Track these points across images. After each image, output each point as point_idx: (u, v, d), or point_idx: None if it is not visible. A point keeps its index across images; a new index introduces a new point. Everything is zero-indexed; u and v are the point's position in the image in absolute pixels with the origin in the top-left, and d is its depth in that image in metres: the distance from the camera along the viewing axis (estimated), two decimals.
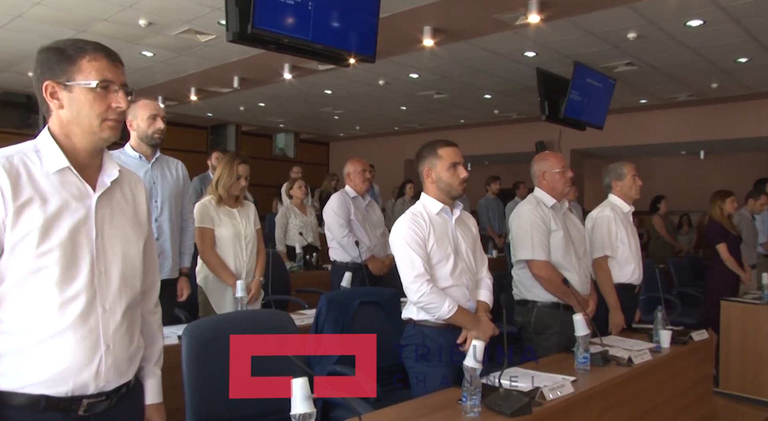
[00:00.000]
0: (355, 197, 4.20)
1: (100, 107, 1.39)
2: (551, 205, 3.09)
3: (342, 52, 4.91)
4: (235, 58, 7.08)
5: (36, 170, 1.36)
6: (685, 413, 3.10)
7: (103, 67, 1.41)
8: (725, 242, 5.04)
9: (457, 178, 2.51)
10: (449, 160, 2.50)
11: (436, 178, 2.51)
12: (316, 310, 2.85)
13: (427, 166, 2.54)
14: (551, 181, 3.11)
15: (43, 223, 1.32)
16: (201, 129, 12.71)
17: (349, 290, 3.46)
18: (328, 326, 2.72)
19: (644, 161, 11.64)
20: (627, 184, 3.63)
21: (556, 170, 3.10)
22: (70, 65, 1.38)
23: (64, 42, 1.41)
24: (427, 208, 2.53)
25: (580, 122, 7.72)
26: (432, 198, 2.54)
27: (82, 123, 1.39)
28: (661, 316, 3.06)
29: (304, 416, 1.46)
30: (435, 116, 10.89)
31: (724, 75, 7.47)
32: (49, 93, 1.38)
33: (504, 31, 5.91)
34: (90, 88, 1.38)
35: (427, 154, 2.55)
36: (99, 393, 1.39)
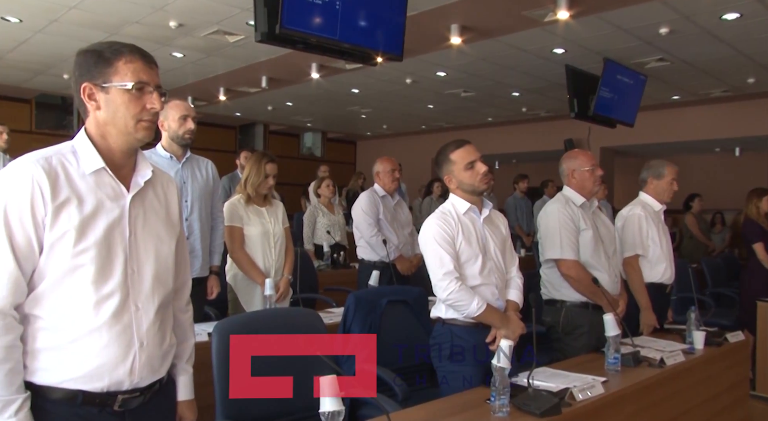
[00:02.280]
0: (384, 196, 4.20)
1: (135, 108, 1.42)
2: (580, 204, 3.06)
3: (369, 50, 4.92)
4: (264, 58, 7.15)
5: (73, 171, 1.39)
6: (719, 416, 3.03)
7: (138, 69, 1.44)
8: (762, 241, 4.91)
9: (477, 175, 2.49)
10: (464, 162, 2.49)
11: (458, 183, 2.52)
12: (344, 309, 2.87)
13: (445, 174, 2.55)
14: (580, 180, 3.07)
15: (79, 222, 1.35)
16: (230, 129, 12.87)
17: (377, 289, 3.47)
18: (356, 325, 2.73)
19: (676, 159, 11.38)
20: (663, 186, 3.54)
21: (586, 169, 3.06)
22: (107, 67, 1.41)
23: (101, 44, 1.45)
24: (455, 208, 2.53)
25: (610, 119, 7.60)
26: (459, 198, 2.55)
27: (118, 124, 1.42)
28: (695, 316, 2.99)
29: (333, 414, 1.47)
30: (462, 115, 10.83)
31: (762, 69, 7.27)
32: (86, 94, 1.42)
33: (532, 28, 5.85)
34: (126, 89, 1.41)
35: (441, 161, 2.55)
36: (133, 389, 1.43)
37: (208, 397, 2.00)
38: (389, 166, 4.20)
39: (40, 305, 1.36)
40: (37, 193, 1.32)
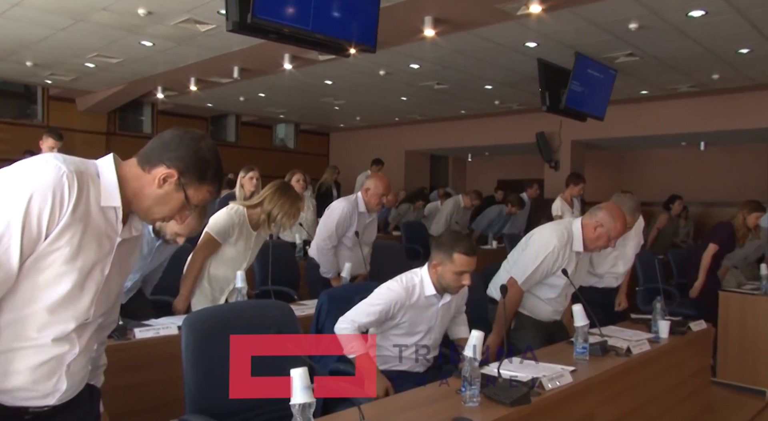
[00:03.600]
0: (363, 213, 4.04)
1: (171, 212, 1.49)
2: (576, 250, 3.10)
3: (342, 42, 4.90)
4: (236, 48, 7.05)
5: (92, 197, 1.38)
6: (683, 402, 3.12)
7: (207, 198, 1.52)
8: (719, 246, 5.01)
9: (459, 284, 2.55)
10: (459, 268, 2.51)
11: (440, 274, 2.56)
12: (316, 306, 2.85)
13: (437, 260, 2.56)
14: (599, 236, 3.05)
15: (77, 245, 1.34)
16: (201, 119, 12.69)
17: (348, 286, 3.45)
18: (330, 322, 2.72)
19: (645, 152, 11.64)
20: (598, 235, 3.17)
21: (612, 236, 3.04)
22: (197, 181, 1.48)
23: (215, 158, 1.53)
24: (423, 286, 2.60)
25: (581, 113, 7.70)
26: (430, 281, 2.60)
27: (151, 207, 1.48)
28: (660, 307, 3.07)
29: (303, 406, 1.47)
30: (436, 107, 10.86)
31: (726, 66, 7.43)
32: (163, 176, 1.45)
33: (505, 21, 5.88)
34: (183, 201, 1.48)
35: (444, 250, 2.53)
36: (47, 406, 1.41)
37: (178, 391, 1.98)
38: (381, 190, 3.94)
39: None
40: (64, 198, 1.30)
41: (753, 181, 10.24)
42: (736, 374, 4.54)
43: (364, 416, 1.63)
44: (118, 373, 2.36)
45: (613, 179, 11.96)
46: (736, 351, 4.56)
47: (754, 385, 4.47)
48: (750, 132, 9.30)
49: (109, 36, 6.74)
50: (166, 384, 2.46)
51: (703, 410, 3.39)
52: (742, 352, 4.54)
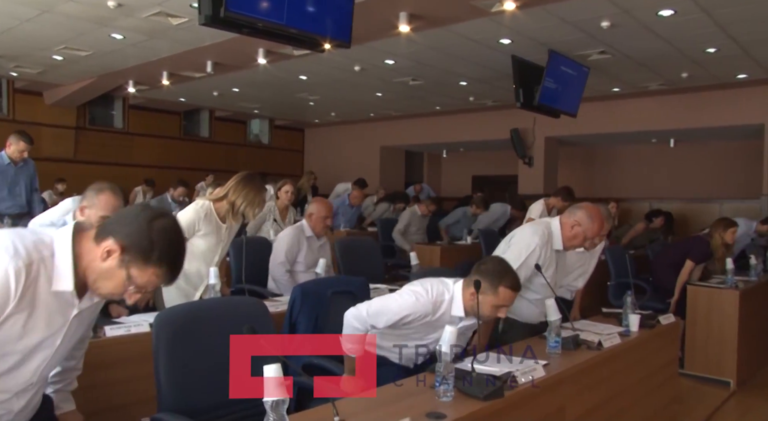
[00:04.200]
0: (311, 237, 4.09)
1: (116, 289, 1.47)
2: (556, 248, 3.13)
3: (317, 37, 4.87)
4: (209, 42, 6.96)
5: (42, 283, 1.39)
6: (652, 394, 3.18)
7: (153, 282, 1.47)
8: (696, 263, 5.13)
9: (494, 315, 2.46)
10: (501, 302, 2.42)
11: (480, 303, 2.38)
12: (289, 301, 2.83)
13: (478, 287, 2.38)
14: (575, 235, 3.08)
15: (20, 328, 1.37)
16: (174, 114, 12.51)
17: (321, 280, 3.45)
18: (303, 317, 2.71)
19: (616, 149, 11.82)
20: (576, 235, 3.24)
21: (588, 236, 3.07)
22: (143, 262, 1.43)
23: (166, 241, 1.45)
24: (452, 304, 2.46)
25: (554, 110, 7.79)
26: (462, 304, 2.46)
27: (96, 281, 1.46)
28: (631, 301, 3.13)
29: (277, 402, 1.46)
30: (411, 103, 10.87)
31: (694, 65, 7.59)
32: (108, 248, 1.42)
33: (480, 17, 5.91)
34: (126, 279, 1.45)
35: (490, 280, 2.39)
36: None
37: (150, 389, 1.96)
38: (324, 213, 4.06)
39: None
40: (9, 296, 1.33)
41: (720, 178, 10.48)
42: (703, 365, 4.66)
43: (338, 412, 1.63)
44: (89, 371, 2.32)
45: (585, 175, 12.13)
46: (703, 343, 4.68)
47: (719, 376, 4.59)
48: (717, 130, 9.51)
49: (77, 28, 6.60)
50: (137, 382, 2.43)
51: (670, 401, 3.47)
52: (708, 344, 4.65)
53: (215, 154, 13.18)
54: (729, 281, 4.80)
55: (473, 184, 13.79)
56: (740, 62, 7.42)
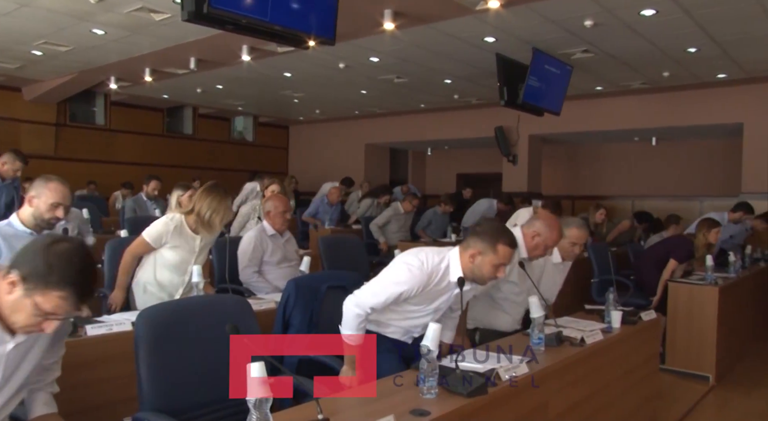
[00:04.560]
0: (273, 235, 4.10)
1: (28, 320, 1.48)
2: (522, 257, 3.16)
3: (301, 34, 4.85)
4: (192, 38, 6.90)
5: None
6: (633, 389, 3.22)
7: (62, 306, 1.47)
8: (679, 263, 5.20)
9: (494, 276, 2.51)
10: (502, 261, 2.46)
11: (478, 264, 2.46)
12: (282, 295, 2.81)
13: (477, 249, 2.46)
14: (536, 245, 3.15)
15: None
16: (156, 111, 12.39)
17: (315, 275, 3.43)
18: (298, 312, 2.68)
19: (599, 147, 11.92)
20: (565, 246, 3.49)
21: (548, 244, 3.16)
22: (44, 287, 1.44)
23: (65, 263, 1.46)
24: (448, 271, 2.51)
25: (538, 108, 7.83)
26: (459, 266, 2.50)
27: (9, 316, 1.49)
28: (613, 298, 3.16)
29: (260, 401, 1.45)
30: (396, 100, 10.87)
31: (675, 64, 7.67)
32: (10, 282, 1.46)
33: (464, 15, 5.92)
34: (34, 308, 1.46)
35: (486, 239, 2.45)
36: None
37: (131, 388, 1.94)
38: (281, 208, 4.08)
39: None
40: None
41: (700, 176, 10.62)
42: (683, 360, 4.73)
43: (322, 409, 1.63)
44: (70, 371, 2.29)
45: (569, 173, 12.23)
46: (683, 339, 4.74)
47: (699, 371, 4.66)
48: (697, 128, 9.64)
49: (57, 23, 6.51)
50: (119, 381, 2.40)
51: (651, 396, 3.51)
52: (688, 340, 4.72)
53: (199, 151, 13.08)
54: (709, 277, 4.87)
55: (458, 182, 13.84)
56: (720, 62, 7.52)
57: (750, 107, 8.75)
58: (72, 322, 2.52)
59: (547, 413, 2.39)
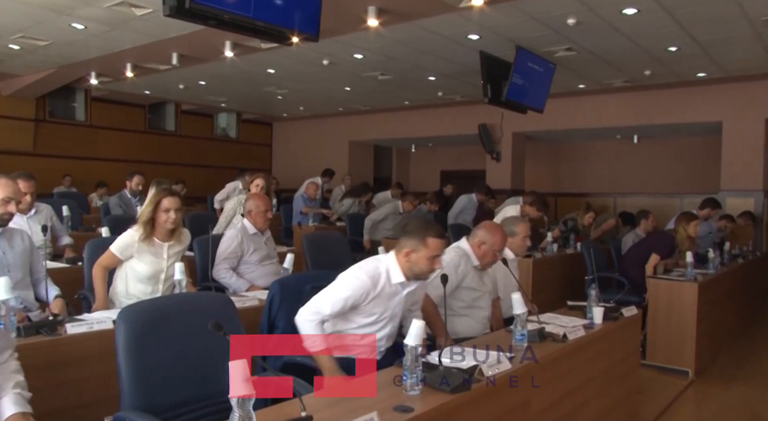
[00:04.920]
0: (255, 234, 4.08)
1: None
2: (474, 265, 3.27)
3: (284, 30, 4.83)
4: (174, 34, 6.83)
5: None
6: (614, 384, 3.26)
7: None
8: (661, 257, 5.31)
9: (431, 268, 2.59)
10: (433, 252, 2.56)
11: (414, 261, 2.57)
12: (267, 296, 2.79)
13: (409, 247, 2.57)
14: (485, 253, 3.26)
15: None
16: (138, 107, 12.25)
17: (299, 275, 3.41)
18: (283, 313, 2.67)
19: (582, 144, 12.02)
20: (517, 242, 3.73)
21: (496, 249, 3.27)
22: None
23: None
24: (389, 274, 2.59)
25: (521, 105, 7.87)
26: (399, 269, 2.59)
27: None
28: (595, 294, 3.19)
29: (243, 399, 1.44)
30: (380, 97, 10.86)
31: (656, 63, 7.76)
32: None
33: (448, 12, 5.93)
34: None
35: (415, 236, 2.56)
36: None
37: (113, 387, 1.92)
38: (263, 207, 4.06)
39: None
40: None
41: (680, 173, 10.76)
42: (663, 355, 4.79)
43: (305, 407, 1.63)
44: (50, 369, 2.27)
45: (552, 171, 12.32)
46: (663, 334, 4.80)
47: (679, 365, 4.73)
48: (677, 126, 9.76)
49: (34, 16, 6.40)
50: (99, 380, 2.38)
51: (632, 391, 3.55)
52: (668, 335, 4.78)
53: (181, 148, 12.96)
54: (689, 273, 4.94)
55: (442, 179, 13.87)
56: (700, 61, 7.62)
57: (728, 106, 8.88)
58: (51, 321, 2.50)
59: (529, 409, 2.41)
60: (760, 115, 8.67)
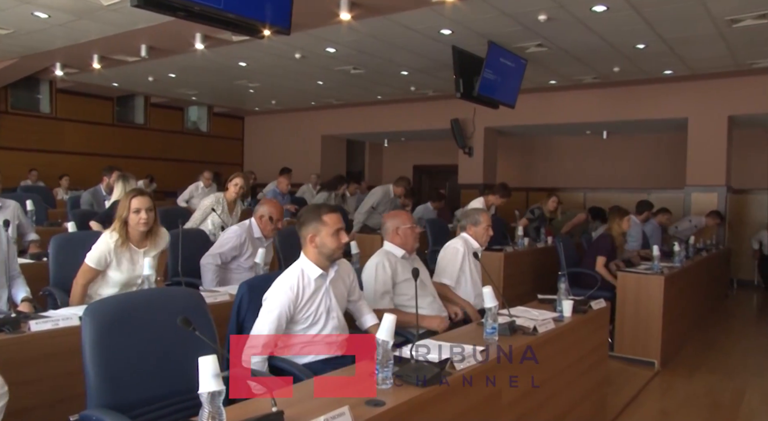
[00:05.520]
0: (259, 238, 4.04)
1: None
2: (401, 256, 3.33)
3: (256, 22, 4.77)
4: (143, 25, 6.70)
5: None
6: (583, 376, 3.31)
7: None
8: (606, 257, 5.49)
9: (340, 243, 2.61)
10: (334, 227, 2.59)
11: (320, 244, 2.59)
12: (235, 299, 2.72)
13: (311, 233, 2.60)
14: (404, 236, 3.33)
15: None
16: (106, 100, 12.00)
17: (269, 276, 3.37)
18: (251, 315, 2.61)
19: (553, 140, 12.17)
20: (480, 231, 3.94)
21: (407, 226, 3.35)
22: None
23: None
24: (305, 273, 2.60)
25: (493, 101, 7.93)
26: (312, 263, 2.62)
27: None
28: (564, 287, 3.24)
29: (213, 394, 1.43)
30: (352, 92, 10.83)
31: (625, 59, 7.88)
32: None
33: (421, 7, 5.93)
34: None
35: (311, 220, 2.61)
36: None
37: (79, 385, 1.88)
38: (276, 217, 4.01)
39: None
40: None
41: (648, 169, 10.97)
42: (631, 347, 4.90)
43: (276, 402, 1.62)
44: (15, 368, 2.22)
45: (523, 165, 12.44)
46: (631, 326, 4.91)
47: (645, 357, 4.84)
48: (645, 122, 9.94)
49: None
50: (66, 378, 2.33)
51: (601, 383, 3.62)
52: (636, 327, 4.89)
53: (150, 141, 12.75)
54: (655, 267, 5.06)
55: (414, 173, 13.91)
56: (666, 59, 7.77)
57: (694, 103, 9.08)
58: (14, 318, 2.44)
59: (500, 401, 2.43)
60: (723, 112, 8.89)
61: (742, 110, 8.77)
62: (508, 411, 2.49)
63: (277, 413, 1.59)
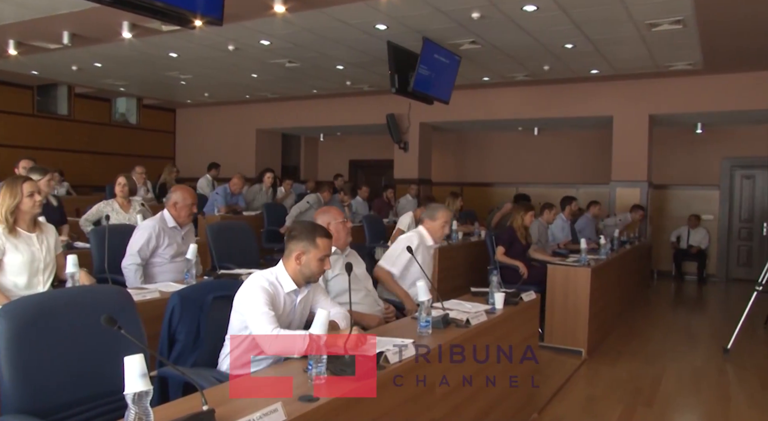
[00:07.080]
0: (174, 227, 3.93)
1: None
2: (333, 251, 3.28)
3: (186, 12, 4.63)
4: (65, 10, 6.35)
5: None
6: (516, 366, 3.41)
7: None
8: (504, 248, 5.73)
9: (321, 269, 2.60)
10: (323, 252, 2.56)
11: (304, 264, 2.54)
12: (166, 309, 2.56)
13: (300, 250, 2.54)
14: (336, 231, 3.34)
15: None
16: (25, 88, 11.33)
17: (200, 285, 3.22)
18: (183, 327, 2.49)
19: (486, 135, 12.43)
20: (436, 227, 4.07)
21: (339, 221, 3.41)
22: None
23: None
24: (281, 283, 2.54)
25: (428, 96, 8.02)
26: (289, 276, 2.56)
27: None
28: (496, 280, 3.32)
29: (140, 394, 1.38)
30: (288, 85, 10.69)
31: (554, 58, 8.14)
32: None
33: (356, 2, 5.91)
34: None
35: (304, 238, 2.56)
36: None
37: None
38: (189, 200, 3.92)
39: None
40: None
41: (577, 165, 11.39)
42: (560, 337, 5.09)
43: (206, 400, 1.58)
44: None
45: (457, 161, 12.65)
46: (560, 317, 5.10)
47: (573, 346, 5.04)
48: (574, 120, 10.32)
49: None
50: None
51: (532, 372, 3.74)
52: (564, 317, 5.08)
53: (75, 133, 12.16)
54: (583, 259, 5.26)
55: (350, 168, 13.90)
56: (593, 59, 8.08)
57: (618, 102, 9.50)
58: None
59: (434, 393, 2.47)
60: (644, 111, 9.35)
61: (662, 110, 9.26)
62: (441, 403, 2.54)
63: (207, 411, 1.56)
